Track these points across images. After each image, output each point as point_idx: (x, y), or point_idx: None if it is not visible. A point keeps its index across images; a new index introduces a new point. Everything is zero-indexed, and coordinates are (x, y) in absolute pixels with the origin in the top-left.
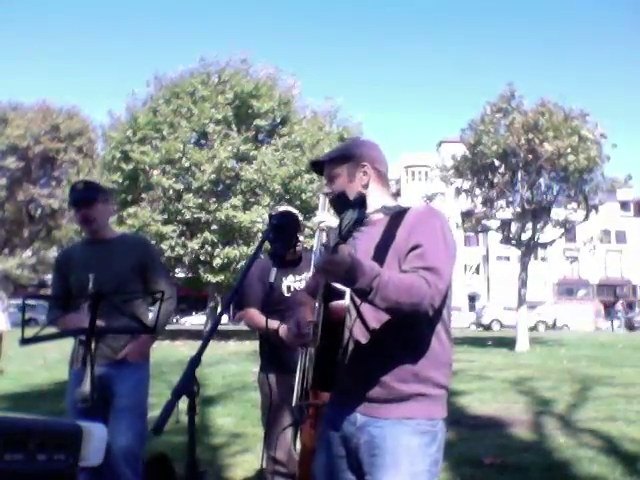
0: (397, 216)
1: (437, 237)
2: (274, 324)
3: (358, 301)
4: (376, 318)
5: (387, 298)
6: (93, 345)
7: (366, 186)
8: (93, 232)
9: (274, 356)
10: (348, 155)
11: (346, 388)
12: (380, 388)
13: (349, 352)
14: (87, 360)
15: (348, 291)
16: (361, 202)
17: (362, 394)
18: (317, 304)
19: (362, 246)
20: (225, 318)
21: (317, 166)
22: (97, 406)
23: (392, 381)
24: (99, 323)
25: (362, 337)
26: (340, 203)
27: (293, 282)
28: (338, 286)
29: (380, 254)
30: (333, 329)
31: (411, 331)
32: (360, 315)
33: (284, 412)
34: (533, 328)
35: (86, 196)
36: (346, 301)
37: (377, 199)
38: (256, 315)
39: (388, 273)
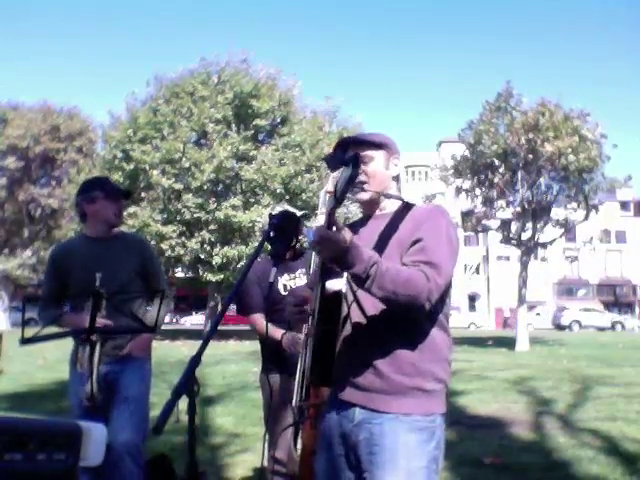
0: (402, 211)
1: (441, 234)
2: (276, 333)
3: (355, 287)
4: (374, 305)
5: (384, 287)
6: (97, 344)
7: (397, 178)
8: (112, 227)
9: (275, 357)
10: (385, 142)
11: (344, 378)
12: (378, 378)
13: (347, 339)
14: (92, 360)
15: (345, 273)
16: (355, 160)
17: (359, 383)
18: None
19: (365, 237)
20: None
21: (345, 145)
22: (102, 405)
23: (390, 372)
24: (103, 321)
25: (359, 323)
26: (334, 160)
27: (288, 280)
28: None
29: (382, 245)
30: (330, 309)
31: (410, 322)
32: (357, 301)
33: (285, 412)
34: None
35: (124, 190)
36: (343, 279)
37: (391, 192)
38: (260, 321)
39: (387, 263)
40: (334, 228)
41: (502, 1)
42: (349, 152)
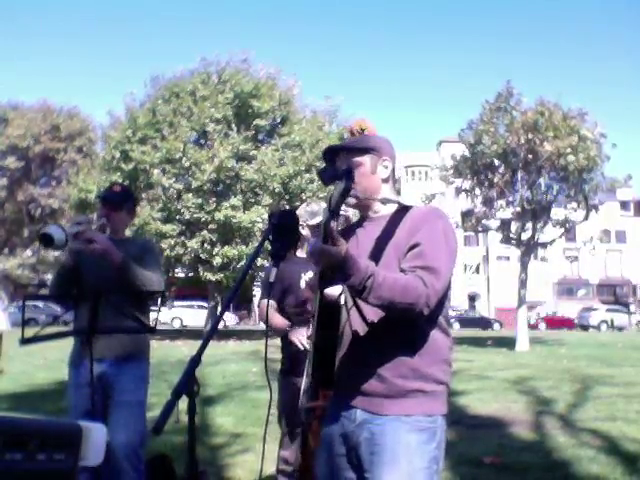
0: (399, 213)
1: (438, 238)
2: (280, 323)
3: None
4: (373, 309)
5: (380, 297)
6: (90, 343)
7: (386, 180)
8: (113, 231)
9: (289, 359)
10: (371, 146)
11: (345, 382)
12: (379, 382)
13: (347, 344)
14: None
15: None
16: (348, 173)
17: (361, 388)
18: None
19: (363, 241)
20: (225, 318)
21: (332, 153)
22: (99, 405)
23: (391, 376)
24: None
25: (360, 329)
26: (328, 174)
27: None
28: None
29: (379, 250)
30: (330, 314)
31: (410, 326)
32: (357, 305)
33: (294, 413)
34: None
35: (114, 199)
36: (340, 287)
37: (386, 194)
38: (265, 307)
39: (383, 273)
40: (330, 241)
41: (502, 1)
42: (340, 163)
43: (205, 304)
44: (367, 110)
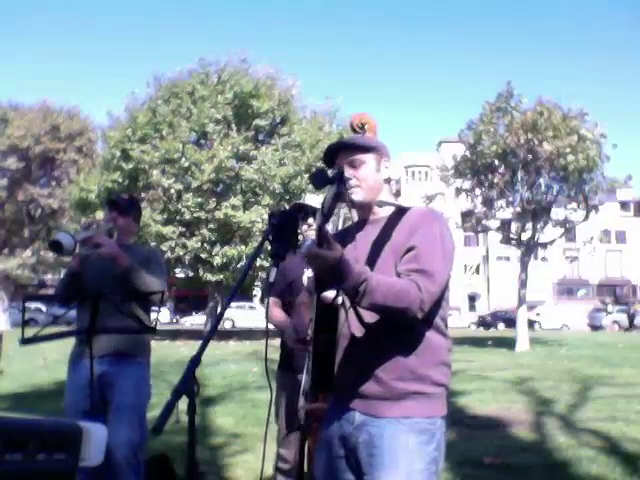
0: (396, 215)
1: (435, 240)
2: (281, 319)
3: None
4: (370, 312)
5: (374, 302)
6: (92, 343)
7: (388, 180)
8: (123, 235)
9: (287, 355)
10: (374, 146)
11: (344, 385)
12: (377, 385)
13: (346, 347)
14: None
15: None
16: (340, 177)
17: (359, 391)
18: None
19: (362, 244)
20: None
21: (333, 152)
22: (97, 405)
23: (389, 379)
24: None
25: (357, 331)
26: (319, 179)
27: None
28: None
29: (376, 253)
30: (327, 317)
31: (407, 329)
32: (354, 307)
33: (294, 411)
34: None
35: (121, 204)
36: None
37: (385, 195)
38: (272, 307)
39: (377, 278)
40: (325, 245)
41: (502, 1)
42: (341, 161)
43: (255, 305)
44: (367, 110)
